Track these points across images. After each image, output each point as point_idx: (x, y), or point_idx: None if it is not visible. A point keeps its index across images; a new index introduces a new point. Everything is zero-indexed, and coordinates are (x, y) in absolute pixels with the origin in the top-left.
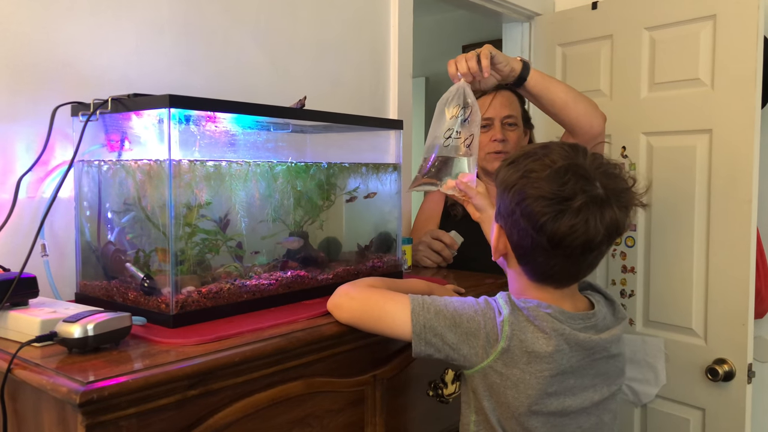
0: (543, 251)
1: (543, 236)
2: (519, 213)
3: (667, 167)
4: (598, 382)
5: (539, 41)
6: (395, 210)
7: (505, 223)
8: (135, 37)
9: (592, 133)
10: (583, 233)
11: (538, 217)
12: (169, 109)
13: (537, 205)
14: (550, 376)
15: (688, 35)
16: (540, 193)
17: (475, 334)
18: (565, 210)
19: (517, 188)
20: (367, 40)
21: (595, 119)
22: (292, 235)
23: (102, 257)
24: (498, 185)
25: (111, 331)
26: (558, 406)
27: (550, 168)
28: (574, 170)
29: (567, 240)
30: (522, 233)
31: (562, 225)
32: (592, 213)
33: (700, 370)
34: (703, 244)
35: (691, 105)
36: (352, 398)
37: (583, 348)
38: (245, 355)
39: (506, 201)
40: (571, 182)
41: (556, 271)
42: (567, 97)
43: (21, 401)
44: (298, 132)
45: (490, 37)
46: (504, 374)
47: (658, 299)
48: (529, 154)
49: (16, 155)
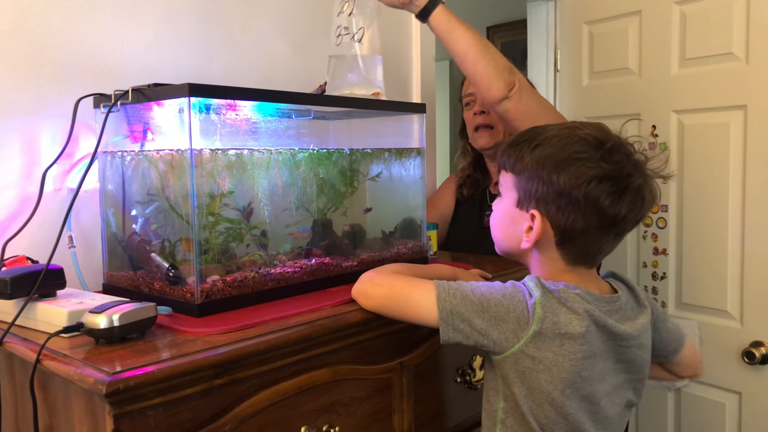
0: (596, 232)
1: (603, 217)
2: (577, 195)
3: (700, 146)
4: (620, 368)
5: (565, 20)
6: (419, 195)
7: (550, 207)
8: (155, 27)
9: (489, 97)
10: (639, 210)
11: (603, 198)
12: (189, 98)
13: (601, 186)
14: (582, 358)
15: (721, 8)
16: (603, 172)
17: (504, 319)
18: (626, 188)
19: (575, 170)
20: (389, 22)
21: (494, 84)
22: (315, 223)
23: (127, 248)
24: (531, 166)
25: (136, 321)
26: (590, 390)
27: (599, 148)
28: (618, 148)
29: (627, 218)
30: (576, 215)
31: (624, 204)
32: (647, 188)
33: (736, 353)
34: (738, 224)
35: (724, 81)
36: (378, 385)
37: (612, 335)
38: (270, 343)
39: (555, 183)
40: (623, 161)
41: (598, 250)
42: (469, 50)
43: (51, 391)
44: (320, 119)
45: (515, 18)
46: (536, 358)
47: (691, 281)
48: (552, 133)
49: (41, 148)
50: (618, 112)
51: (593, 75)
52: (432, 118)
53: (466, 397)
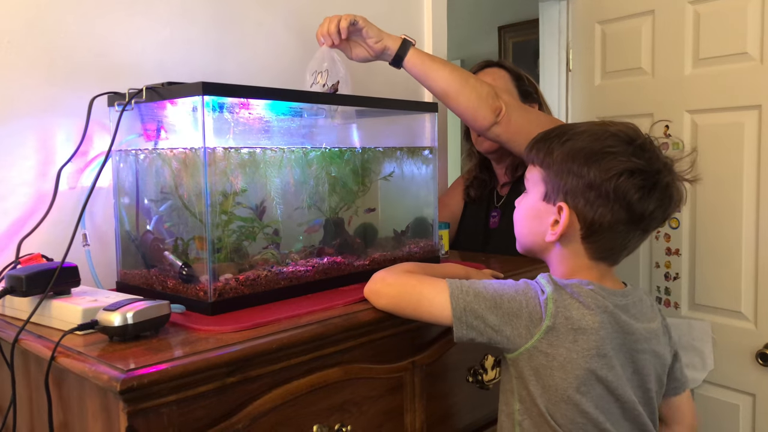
0: (623, 227)
1: (631, 211)
2: (607, 188)
3: (713, 146)
4: (631, 372)
5: (577, 19)
6: (431, 194)
7: (578, 200)
8: (169, 25)
9: (477, 126)
10: (667, 207)
11: (632, 192)
12: (203, 96)
13: (631, 180)
14: (597, 355)
15: (735, 7)
16: (634, 166)
17: (517, 314)
18: (656, 184)
19: (606, 163)
20: (400, 22)
21: (479, 113)
22: (327, 222)
23: (141, 246)
24: (561, 160)
25: (150, 319)
26: (604, 389)
27: (630, 144)
28: (649, 146)
29: (655, 214)
30: (603, 209)
31: (653, 200)
32: (674, 187)
33: (750, 354)
34: (752, 224)
35: (738, 80)
36: (390, 384)
37: (626, 332)
38: (283, 341)
39: (585, 175)
40: (653, 158)
41: (623, 246)
42: (448, 87)
43: (65, 388)
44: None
45: (527, 17)
46: (550, 354)
47: (705, 282)
48: (583, 129)
49: (56, 146)
50: (631, 112)
51: (606, 75)
52: (444, 118)
53: (478, 397)
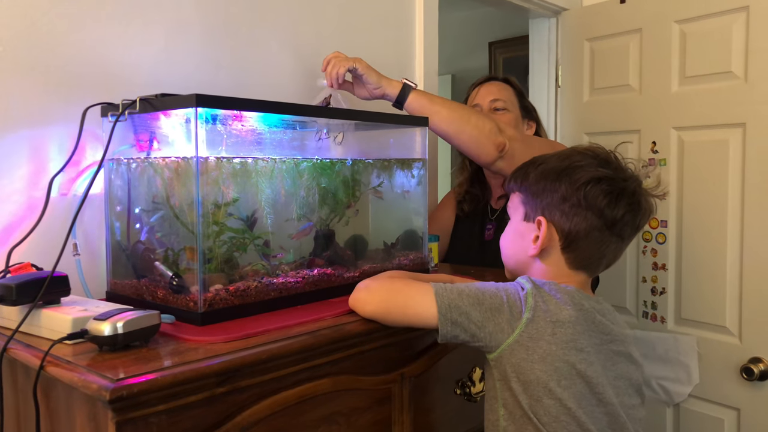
0: (598, 234)
1: (603, 217)
2: (578, 197)
3: (699, 162)
4: (614, 376)
5: (566, 36)
6: (421, 207)
7: (554, 213)
8: (163, 37)
9: (481, 162)
10: (636, 214)
11: (601, 198)
12: (196, 108)
13: (599, 187)
14: (575, 348)
15: (720, 27)
16: (600, 175)
17: (498, 309)
18: (623, 191)
19: (575, 176)
20: (392, 37)
21: (483, 149)
22: (318, 234)
23: (132, 256)
24: (536, 181)
25: (140, 328)
26: (585, 386)
27: (595, 158)
28: (613, 159)
29: (625, 220)
30: (577, 218)
31: (622, 205)
32: (642, 196)
33: (735, 369)
34: (736, 240)
35: (723, 98)
36: (379, 396)
37: (601, 331)
38: (272, 352)
39: (558, 190)
40: (618, 168)
41: (600, 254)
42: (449, 126)
43: (53, 398)
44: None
45: (517, 34)
46: (531, 347)
47: (691, 297)
48: (553, 154)
49: (49, 156)
50: (618, 128)
51: (594, 91)
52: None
53: (466, 410)
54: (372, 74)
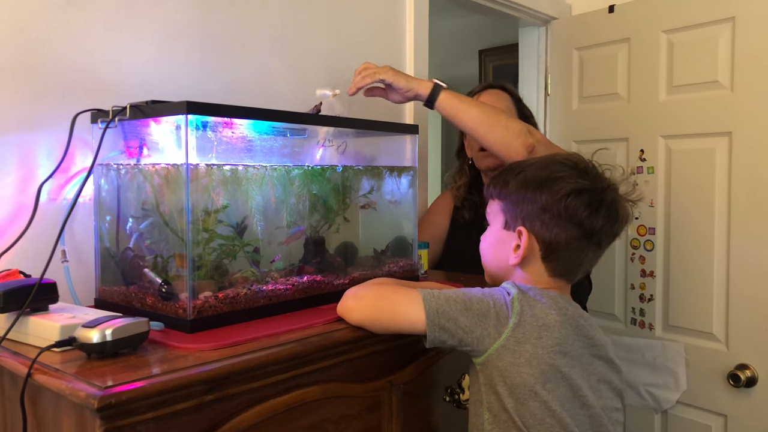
0: (577, 243)
1: (582, 228)
2: (558, 208)
3: (686, 170)
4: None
5: (555, 45)
6: (411, 214)
7: (534, 223)
8: (154, 44)
9: (509, 160)
10: (614, 223)
11: (582, 209)
12: (186, 115)
13: (579, 198)
14: (560, 352)
15: (707, 38)
16: (581, 186)
17: (485, 315)
18: (602, 201)
19: (555, 186)
20: (383, 45)
21: (512, 148)
22: (308, 241)
23: (121, 263)
24: (516, 190)
25: (129, 336)
26: (569, 389)
27: (574, 168)
28: (592, 169)
29: (604, 229)
30: (558, 228)
31: (601, 215)
32: (620, 204)
33: (722, 375)
34: (723, 247)
35: (710, 108)
36: (368, 403)
37: (584, 335)
38: (261, 360)
39: (538, 200)
40: (597, 178)
41: (579, 263)
42: (477, 125)
43: (41, 406)
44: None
45: (507, 42)
46: (517, 351)
47: (678, 303)
48: (532, 161)
49: (38, 162)
50: (607, 136)
51: (583, 99)
52: (424, 139)
53: (455, 417)
54: (401, 80)
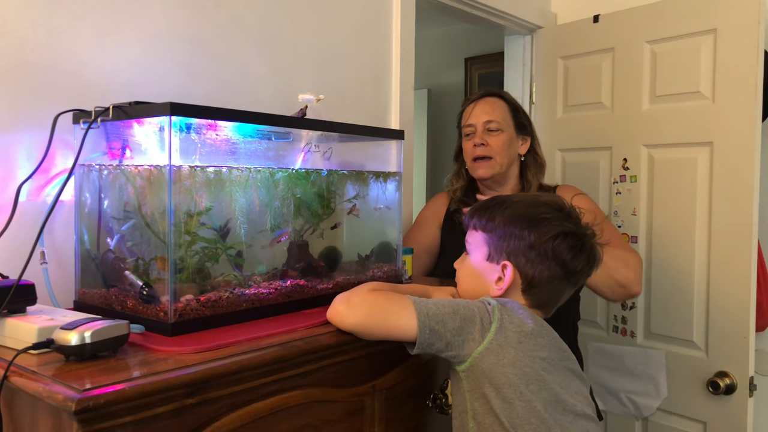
0: (558, 282)
1: (565, 268)
2: (546, 248)
3: (668, 179)
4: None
5: (541, 54)
6: (396, 219)
7: (520, 258)
8: (138, 45)
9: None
10: (591, 266)
11: (566, 251)
12: (170, 116)
13: (565, 242)
14: (539, 357)
15: (689, 49)
16: (567, 230)
17: (471, 320)
18: (584, 245)
19: (543, 227)
20: (369, 51)
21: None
22: (291, 245)
23: (101, 265)
24: (503, 224)
25: (108, 338)
26: (552, 394)
27: (560, 212)
28: (574, 214)
29: (583, 270)
30: (542, 266)
31: (582, 258)
32: (596, 248)
33: (702, 383)
34: (704, 256)
35: (691, 118)
36: (350, 408)
37: (559, 347)
38: (243, 363)
39: (526, 238)
40: (579, 223)
41: (556, 299)
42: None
43: (17, 409)
44: (300, 142)
45: (493, 50)
46: (500, 354)
47: (659, 311)
48: (517, 198)
49: (17, 163)
50: (591, 144)
51: (567, 108)
52: (410, 145)
53: (438, 422)
54: None
